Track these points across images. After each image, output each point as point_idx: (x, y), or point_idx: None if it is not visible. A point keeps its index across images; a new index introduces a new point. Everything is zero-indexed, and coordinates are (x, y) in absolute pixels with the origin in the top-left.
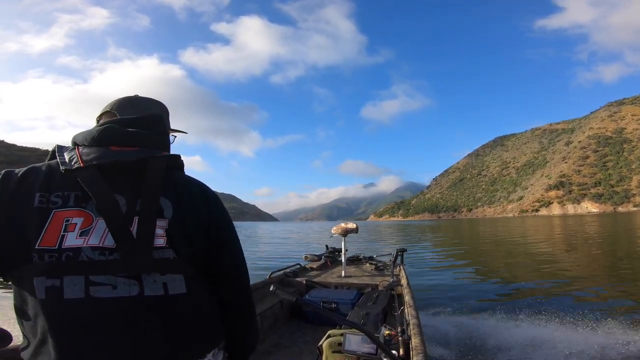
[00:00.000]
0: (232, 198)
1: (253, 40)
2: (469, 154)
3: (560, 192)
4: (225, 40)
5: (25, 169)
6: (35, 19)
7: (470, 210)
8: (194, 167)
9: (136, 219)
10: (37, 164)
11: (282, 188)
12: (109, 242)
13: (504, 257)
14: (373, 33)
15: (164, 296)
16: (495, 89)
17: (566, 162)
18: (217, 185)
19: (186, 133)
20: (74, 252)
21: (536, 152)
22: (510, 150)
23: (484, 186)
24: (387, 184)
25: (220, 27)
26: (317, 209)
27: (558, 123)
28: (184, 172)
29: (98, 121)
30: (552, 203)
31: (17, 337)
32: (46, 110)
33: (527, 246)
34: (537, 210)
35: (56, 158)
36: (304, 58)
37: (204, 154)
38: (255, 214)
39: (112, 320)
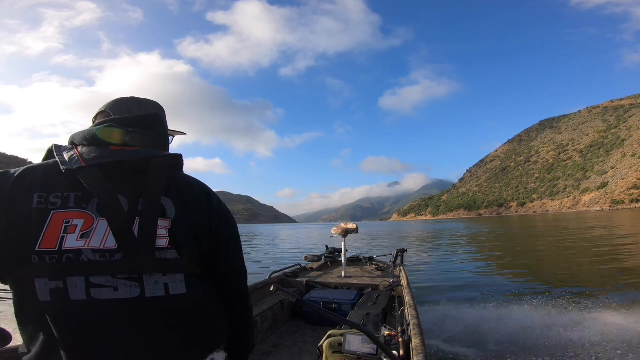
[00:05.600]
0: (248, 199)
1: (255, 26)
2: (509, 140)
3: None
4: (224, 29)
5: (21, 169)
6: (22, 16)
7: (522, 204)
8: (214, 169)
9: (138, 219)
10: (34, 164)
11: (305, 189)
12: (110, 243)
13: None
14: (386, 10)
15: (165, 297)
16: (530, 72)
17: None
18: (235, 186)
19: (185, 134)
20: (74, 253)
21: (602, 131)
22: (564, 132)
23: (537, 174)
24: (413, 182)
25: (218, 17)
26: (341, 209)
27: (622, 99)
28: (182, 171)
29: (94, 121)
30: None
31: (17, 339)
32: (61, 115)
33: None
34: (637, 201)
35: (53, 158)
36: (313, 45)
37: (223, 155)
38: (272, 216)
39: (114, 322)
